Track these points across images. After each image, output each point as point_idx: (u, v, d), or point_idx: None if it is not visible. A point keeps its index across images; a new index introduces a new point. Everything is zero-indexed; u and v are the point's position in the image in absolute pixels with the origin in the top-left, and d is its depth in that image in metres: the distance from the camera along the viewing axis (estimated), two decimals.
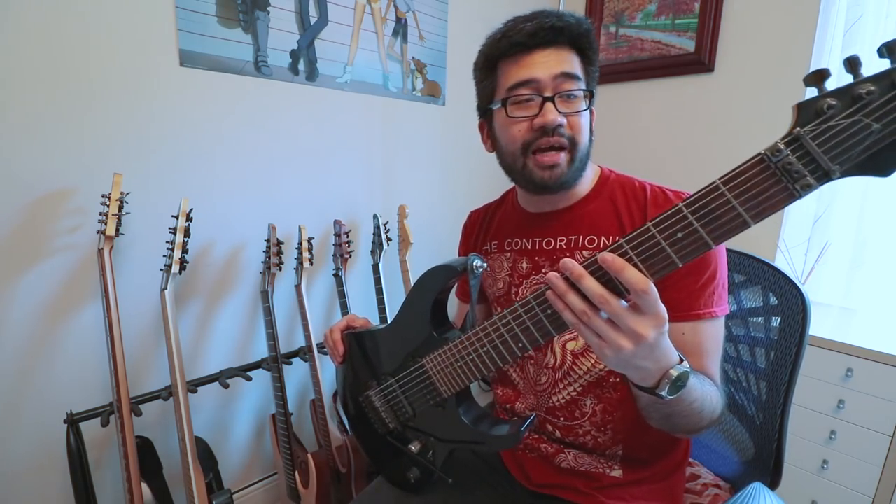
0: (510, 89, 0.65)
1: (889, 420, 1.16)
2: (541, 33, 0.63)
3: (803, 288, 0.75)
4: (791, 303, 0.76)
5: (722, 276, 0.64)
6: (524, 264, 0.76)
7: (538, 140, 0.65)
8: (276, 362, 1.24)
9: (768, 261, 0.82)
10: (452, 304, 0.82)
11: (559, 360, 0.71)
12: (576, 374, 0.70)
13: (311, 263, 1.28)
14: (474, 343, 0.60)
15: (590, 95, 0.67)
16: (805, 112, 0.39)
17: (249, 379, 1.23)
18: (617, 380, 0.69)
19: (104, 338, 1.01)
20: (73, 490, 1.01)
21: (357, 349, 0.77)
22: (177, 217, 1.05)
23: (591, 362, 0.69)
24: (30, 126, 0.95)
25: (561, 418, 0.73)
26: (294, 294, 1.29)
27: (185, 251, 1.06)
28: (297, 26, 1.28)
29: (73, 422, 1.00)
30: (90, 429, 1.05)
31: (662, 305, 0.45)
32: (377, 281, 1.43)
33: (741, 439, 0.85)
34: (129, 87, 1.06)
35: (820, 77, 0.38)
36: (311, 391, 1.34)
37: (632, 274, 0.43)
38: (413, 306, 0.69)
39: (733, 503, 0.65)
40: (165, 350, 1.07)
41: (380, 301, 1.43)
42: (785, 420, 0.75)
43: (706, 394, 0.58)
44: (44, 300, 1.02)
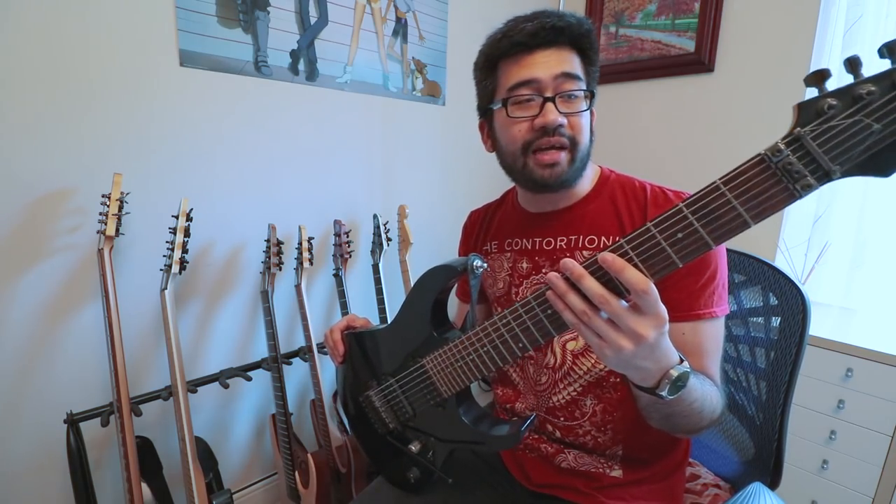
0: (511, 89, 0.65)
1: (889, 420, 1.16)
2: (542, 33, 0.63)
3: (803, 288, 0.75)
4: (791, 303, 0.76)
5: (722, 277, 0.64)
6: (524, 264, 0.76)
7: (539, 140, 0.65)
8: (276, 362, 1.24)
9: (768, 261, 0.82)
10: (452, 304, 0.82)
11: (559, 360, 0.71)
12: (576, 374, 0.70)
13: (311, 263, 1.28)
14: (474, 343, 0.60)
15: (590, 95, 0.67)
16: (805, 112, 0.39)
17: (249, 379, 1.23)
18: (617, 380, 0.69)
19: (104, 338, 1.01)
20: (73, 490, 1.01)
21: (357, 349, 0.77)
22: (177, 217, 1.05)
23: (591, 362, 0.69)
24: (30, 126, 0.95)
25: (561, 418, 0.73)
26: (294, 294, 1.29)
27: (185, 251, 1.06)
28: (297, 26, 1.28)
29: (73, 422, 1.00)
30: (90, 429, 1.05)
31: (663, 305, 0.45)
32: (377, 281, 1.43)
33: (741, 439, 0.85)
34: (129, 87, 1.06)
35: (820, 77, 0.38)
36: (311, 391, 1.34)
37: (632, 274, 0.43)
38: (413, 306, 0.69)
39: (733, 503, 0.65)
40: (165, 350, 1.07)
41: (380, 301, 1.43)
42: (785, 420, 0.75)
43: (706, 394, 0.58)
44: (44, 300, 1.02)
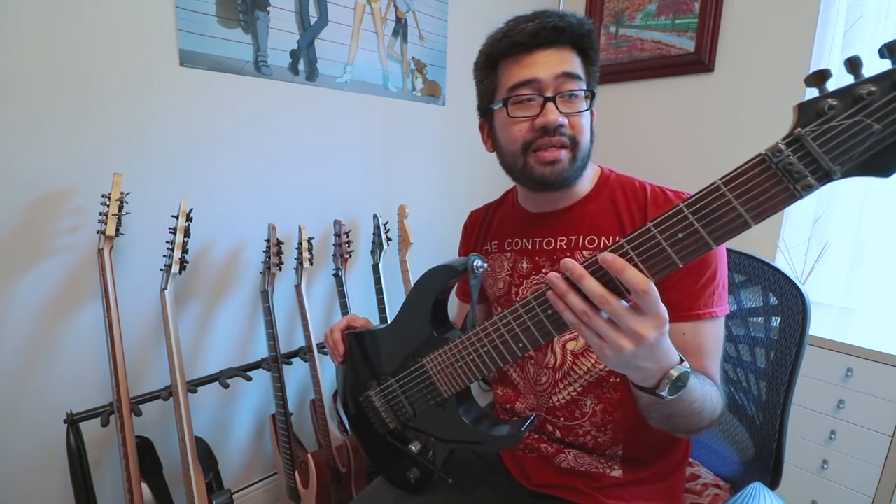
0: (511, 89, 0.65)
1: (889, 420, 1.16)
2: (542, 33, 0.63)
3: (803, 288, 0.75)
4: (791, 303, 0.76)
5: (722, 277, 0.64)
6: (524, 264, 0.76)
7: (539, 140, 0.65)
8: (276, 362, 1.24)
9: (768, 261, 0.82)
10: (452, 304, 0.82)
11: (559, 360, 0.71)
12: (576, 375, 0.70)
13: (311, 263, 1.28)
14: (475, 343, 0.60)
15: (591, 95, 0.67)
16: (806, 112, 0.39)
17: (249, 379, 1.23)
18: (617, 380, 0.69)
19: (104, 338, 1.01)
20: (73, 490, 1.01)
21: (357, 349, 0.77)
22: (177, 217, 1.05)
23: (592, 362, 0.69)
24: (30, 126, 0.95)
25: (561, 418, 0.73)
26: (294, 294, 1.29)
27: (185, 251, 1.06)
28: (297, 26, 1.28)
29: (73, 422, 1.00)
30: (90, 429, 1.05)
31: (663, 306, 0.45)
32: (377, 281, 1.43)
33: (741, 439, 0.85)
34: (129, 87, 1.05)
35: (821, 77, 0.38)
36: (311, 391, 1.34)
37: (632, 274, 0.43)
38: (413, 306, 0.69)
39: (733, 503, 0.65)
40: (165, 350, 1.07)
41: (380, 301, 1.43)
42: (785, 420, 0.75)
43: (706, 394, 0.58)
44: (44, 300, 1.02)
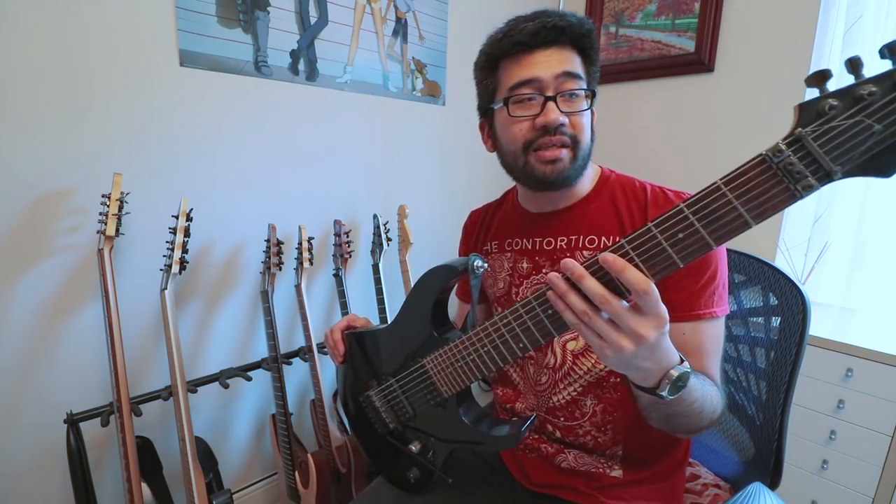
0: (512, 88, 0.65)
1: (889, 420, 1.16)
2: (543, 33, 0.63)
3: (803, 288, 0.75)
4: (791, 303, 0.76)
5: (722, 277, 0.64)
6: (524, 264, 0.76)
7: (540, 139, 0.65)
8: (276, 362, 1.24)
9: (768, 261, 0.82)
10: (452, 304, 0.82)
11: (559, 361, 0.71)
12: (576, 375, 0.70)
13: (311, 263, 1.28)
14: (475, 343, 0.60)
15: (591, 95, 0.67)
16: (806, 113, 0.39)
17: (249, 379, 1.23)
18: (617, 380, 0.69)
19: (104, 338, 1.01)
20: (73, 490, 1.01)
21: (357, 349, 0.77)
22: (177, 217, 1.05)
23: (592, 362, 0.69)
24: (30, 126, 0.95)
25: (561, 418, 0.73)
26: (294, 294, 1.29)
27: (185, 251, 1.06)
28: (297, 26, 1.28)
29: (73, 422, 1.00)
30: (90, 429, 1.05)
31: (663, 306, 0.45)
32: (377, 281, 1.43)
33: (741, 439, 0.85)
34: (129, 87, 1.05)
35: (821, 78, 0.38)
36: (311, 391, 1.34)
37: (633, 274, 0.43)
38: (414, 306, 0.69)
39: (733, 503, 0.65)
40: (165, 350, 1.07)
41: (380, 301, 1.43)
42: (785, 420, 0.75)
43: (706, 394, 0.58)
44: (44, 300, 1.02)
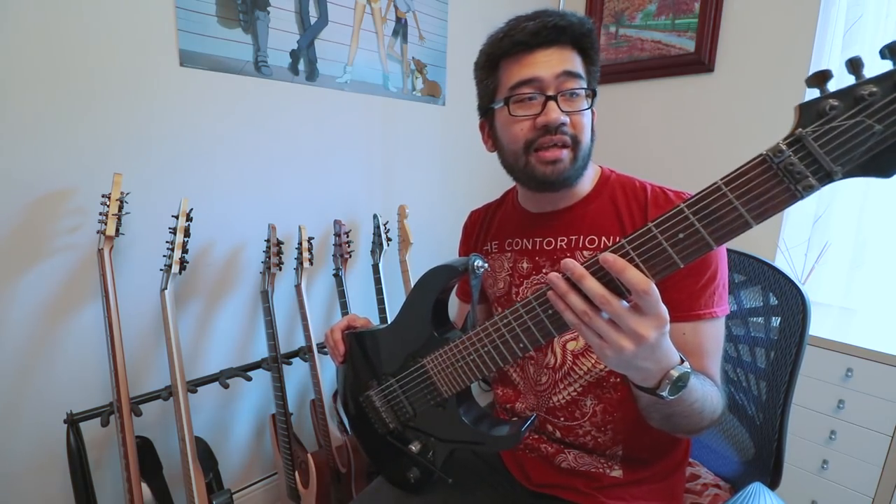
0: (512, 88, 0.65)
1: (889, 420, 1.16)
2: (543, 32, 0.63)
3: (803, 288, 0.75)
4: (791, 303, 0.76)
5: (722, 277, 0.64)
6: (525, 264, 0.76)
7: (541, 139, 0.65)
8: (276, 362, 1.24)
9: (768, 261, 0.82)
10: (452, 305, 0.82)
11: (559, 361, 0.71)
12: (576, 375, 0.70)
13: (311, 263, 1.28)
14: (475, 343, 0.60)
15: (592, 94, 0.67)
16: (807, 113, 0.39)
17: (249, 379, 1.23)
18: (617, 380, 0.69)
19: (104, 338, 1.01)
20: (73, 490, 1.01)
21: (358, 349, 0.77)
22: (177, 217, 1.05)
23: (592, 362, 0.69)
24: (30, 126, 0.95)
25: (561, 418, 0.73)
26: (294, 294, 1.29)
27: (185, 251, 1.06)
28: (297, 26, 1.28)
29: (73, 422, 1.00)
30: (90, 429, 1.05)
31: (664, 306, 0.45)
32: (377, 281, 1.43)
33: (741, 439, 0.85)
34: (129, 87, 1.05)
35: (822, 78, 0.38)
36: (311, 391, 1.34)
37: (633, 274, 0.43)
38: (414, 306, 0.69)
39: (733, 503, 0.65)
40: (165, 350, 1.07)
41: (380, 301, 1.43)
42: (785, 420, 0.75)
43: (707, 394, 0.58)
44: (44, 300, 1.02)
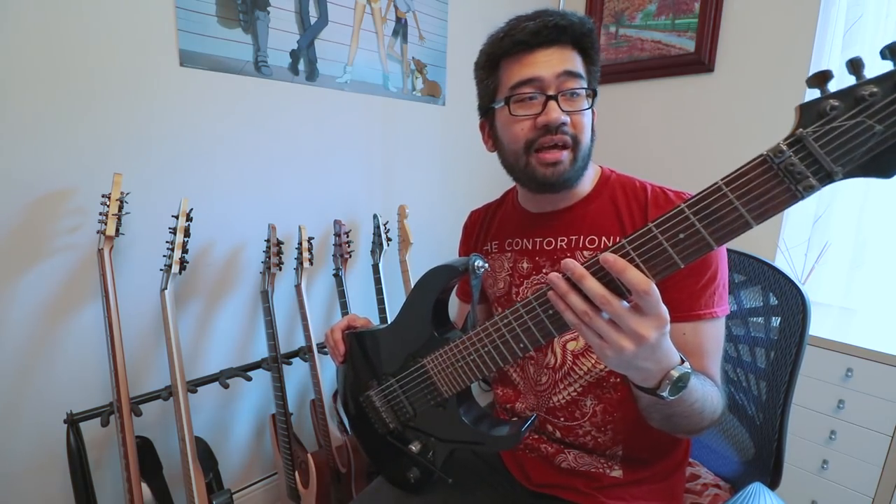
0: (513, 88, 0.65)
1: (889, 420, 1.16)
2: (544, 32, 0.63)
3: (803, 288, 0.75)
4: (791, 303, 0.76)
5: (723, 277, 0.64)
6: (525, 264, 0.76)
7: (541, 138, 0.65)
8: (276, 362, 1.24)
9: (768, 261, 0.82)
10: (453, 305, 0.82)
11: (559, 361, 0.71)
12: (576, 375, 0.70)
13: (311, 263, 1.28)
14: (475, 343, 0.60)
15: (592, 94, 0.67)
16: (808, 113, 0.39)
17: (249, 379, 1.23)
18: (617, 380, 0.69)
19: (104, 338, 1.01)
20: (73, 490, 1.01)
21: (358, 349, 0.77)
22: (177, 217, 1.05)
23: (592, 362, 0.69)
24: (30, 126, 0.95)
25: (561, 418, 0.73)
26: (294, 294, 1.29)
27: (185, 251, 1.06)
28: (297, 26, 1.28)
29: (73, 422, 1.00)
30: (90, 429, 1.05)
31: (664, 306, 0.45)
32: (377, 281, 1.43)
33: (741, 439, 0.85)
34: (129, 87, 1.05)
35: (822, 78, 0.38)
36: (311, 391, 1.34)
37: (633, 275, 0.43)
38: (414, 306, 0.69)
39: (733, 503, 0.65)
40: (165, 350, 1.07)
41: (380, 301, 1.43)
42: (785, 420, 0.75)
43: (707, 394, 0.58)
44: (44, 300, 1.02)
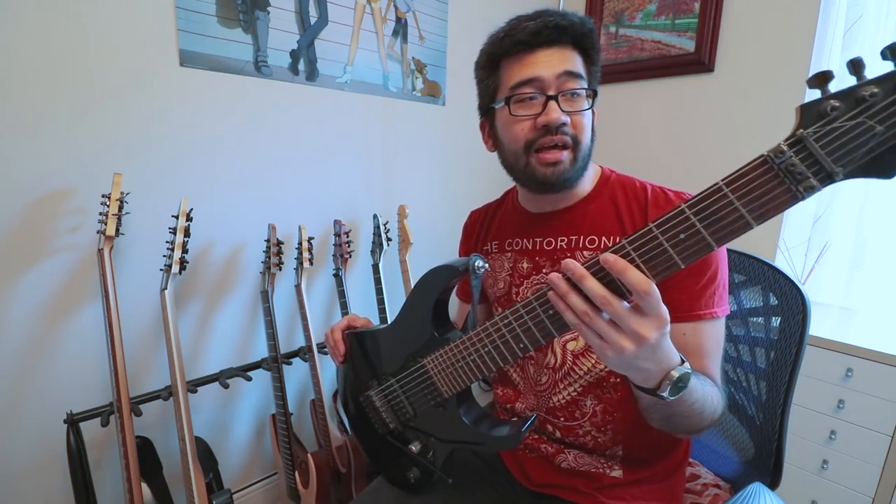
0: (513, 88, 0.65)
1: (889, 420, 1.16)
2: (544, 32, 0.63)
3: (803, 288, 0.75)
4: (791, 303, 0.76)
5: (723, 277, 0.64)
6: (525, 264, 0.76)
7: (541, 139, 0.65)
8: (276, 362, 1.24)
9: (768, 261, 0.82)
10: (453, 305, 0.82)
11: (559, 361, 0.71)
12: (576, 375, 0.70)
13: (311, 263, 1.28)
14: (475, 343, 0.60)
15: (593, 94, 0.67)
16: (808, 114, 0.39)
17: (249, 379, 1.23)
18: (617, 380, 0.69)
19: (104, 338, 1.01)
20: (73, 490, 1.01)
21: (358, 349, 0.77)
22: (177, 217, 1.05)
23: (592, 362, 0.69)
24: (30, 126, 0.95)
25: (561, 418, 0.73)
26: (294, 294, 1.29)
27: (185, 251, 1.06)
28: (297, 26, 1.28)
29: (73, 422, 1.00)
30: (90, 429, 1.05)
31: (664, 306, 0.45)
32: (377, 281, 1.43)
33: (741, 439, 0.85)
34: (129, 87, 1.05)
35: (823, 79, 0.38)
36: (311, 391, 1.34)
37: (634, 275, 0.43)
38: (414, 306, 0.69)
39: (733, 503, 0.65)
40: (165, 350, 1.07)
41: (380, 301, 1.43)
42: (785, 420, 0.75)
43: (707, 394, 0.58)
44: (44, 300, 1.02)
